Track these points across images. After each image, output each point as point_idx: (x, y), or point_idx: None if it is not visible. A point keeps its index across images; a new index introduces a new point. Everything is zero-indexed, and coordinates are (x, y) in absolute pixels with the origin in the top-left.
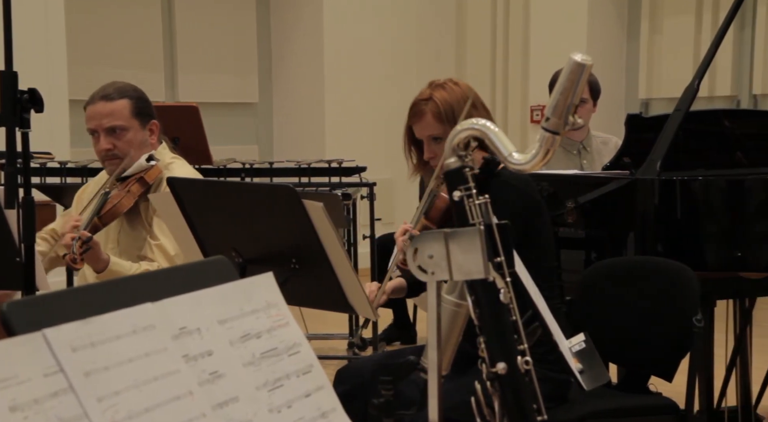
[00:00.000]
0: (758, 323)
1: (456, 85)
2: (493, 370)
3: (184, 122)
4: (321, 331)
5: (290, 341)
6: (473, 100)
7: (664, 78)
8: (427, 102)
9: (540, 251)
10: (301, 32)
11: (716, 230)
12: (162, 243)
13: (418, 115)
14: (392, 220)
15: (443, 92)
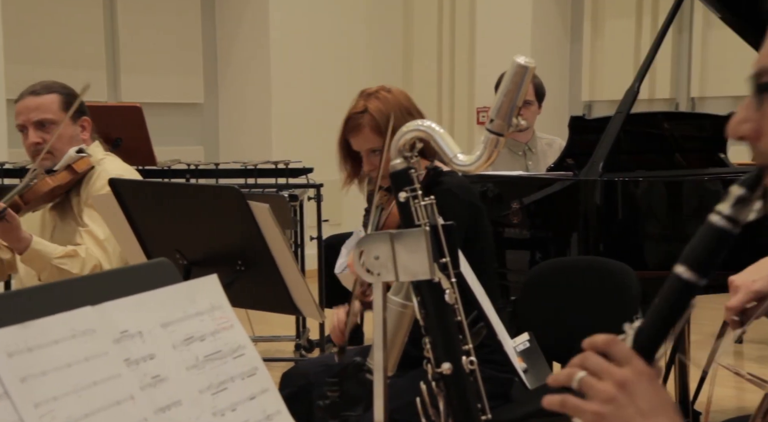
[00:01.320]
0: (696, 321)
1: (389, 93)
2: (438, 370)
3: (127, 123)
4: (267, 333)
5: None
6: (408, 107)
7: (607, 80)
8: (362, 115)
9: (481, 255)
10: (247, 32)
11: (656, 230)
12: (91, 229)
13: (355, 129)
14: (340, 222)
15: (377, 102)
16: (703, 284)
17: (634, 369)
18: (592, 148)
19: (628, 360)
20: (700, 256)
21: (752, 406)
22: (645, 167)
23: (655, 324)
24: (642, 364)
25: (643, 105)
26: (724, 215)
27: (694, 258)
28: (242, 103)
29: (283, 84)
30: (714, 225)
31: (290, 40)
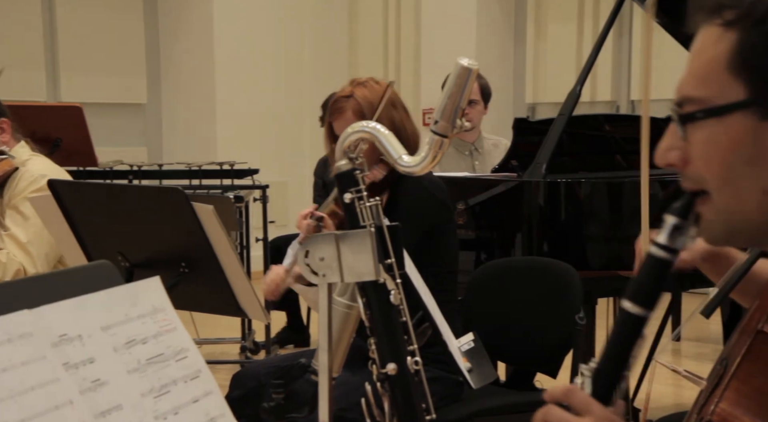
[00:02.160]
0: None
1: (377, 84)
2: (383, 371)
3: (67, 123)
4: (212, 336)
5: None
6: (393, 99)
7: (550, 83)
8: (347, 99)
9: (442, 253)
10: (191, 31)
11: (598, 231)
12: (13, 232)
13: (338, 112)
14: (286, 223)
15: (364, 90)
16: (649, 316)
17: (594, 418)
18: (535, 149)
19: (587, 408)
20: (644, 289)
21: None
22: (587, 168)
23: (611, 363)
24: (601, 410)
25: (584, 107)
26: (661, 245)
27: (638, 292)
28: (186, 103)
29: (228, 84)
30: (653, 256)
31: (235, 40)
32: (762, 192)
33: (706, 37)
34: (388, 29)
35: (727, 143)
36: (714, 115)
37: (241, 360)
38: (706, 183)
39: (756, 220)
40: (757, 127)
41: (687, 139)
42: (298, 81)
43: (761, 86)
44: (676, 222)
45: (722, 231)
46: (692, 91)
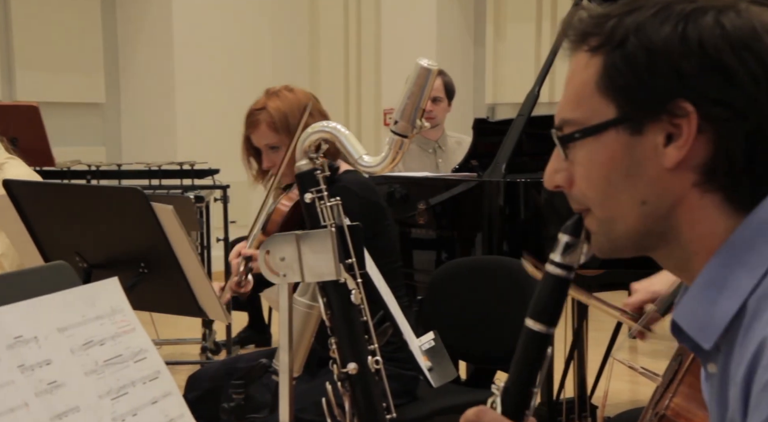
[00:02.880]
0: (593, 318)
1: (291, 93)
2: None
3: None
4: (173, 336)
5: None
6: (307, 106)
7: (509, 83)
8: (261, 111)
9: (383, 252)
10: (150, 30)
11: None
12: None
13: (254, 125)
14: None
15: (277, 101)
16: (552, 332)
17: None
18: (495, 149)
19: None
20: (544, 307)
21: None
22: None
23: (519, 380)
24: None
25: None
26: (556, 263)
27: (539, 310)
28: (146, 102)
29: (188, 83)
30: (550, 274)
31: (194, 38)
32: (640, 202)
33: (576, 63)
34: (348, 29)
35: (604, 159)
36: (590, 134)
37: (202, 361)
38: (588, 200)
39: (638, 230)
40: (629, 142)
41: (569, 159)
42: (258, 80)
43: (627, 104)
44: (569, 240)
45: (607, 242)
46: (569, 113)
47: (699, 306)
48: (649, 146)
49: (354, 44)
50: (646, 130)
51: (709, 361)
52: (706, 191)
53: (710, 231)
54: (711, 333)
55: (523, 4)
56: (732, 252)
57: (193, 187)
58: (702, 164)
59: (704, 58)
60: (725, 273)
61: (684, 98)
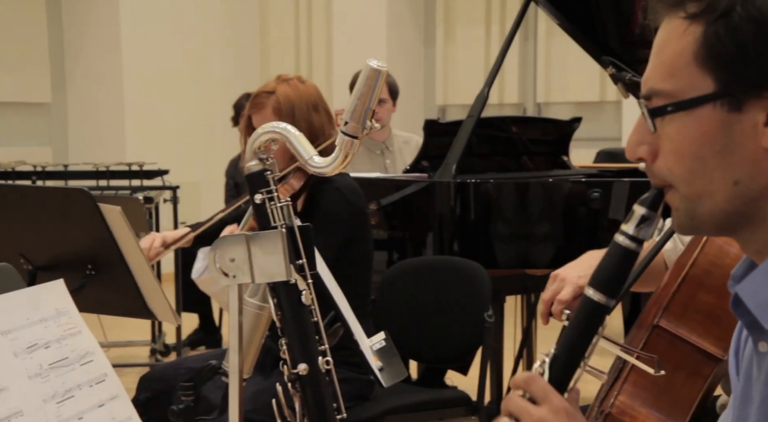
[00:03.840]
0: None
1: (302, 84)
2: (294, 371)
3: None
4: (121, 338)
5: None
6: (316, 101)
7: (459, 85)
8: (269, 95)
9: (358, 259)
10: (97, 28)
11: (506, 230)
12: None
13: (258, 107)
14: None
15: (287, 88)
16: (613, 305)
17: (551, 407)
18: (446, 150)
19: (545, 397)
20: (607, 277)
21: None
22: (495, 169)
23: (569, 349)
24: (558, 400)
25: (493, 109)
26: (628, 234)
27: (602, 280)
28: (93, 102)
29: (137, 83)
30: (619, 246)
31: (143, 37)
32: (733, 182)
33: (671, 29)
34: (299, 30)
35: (697, 136)
36: (683, 108)
37: (151, 363)
38: (674, 177)
39: (726, 210)
40: (726, 119)
41: (656, 132)
42: (208, 80)
43: (728, 79)
44: (645, 213)
45: (690, 220)
46: (660, 84)
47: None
48: (748, 124)
49: (305, 45)
50: (746, 107)
51: (761, 340)
52: None
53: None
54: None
55: (472, 6)
56: None
57: (143, 187)
58: None
59: None
60: None
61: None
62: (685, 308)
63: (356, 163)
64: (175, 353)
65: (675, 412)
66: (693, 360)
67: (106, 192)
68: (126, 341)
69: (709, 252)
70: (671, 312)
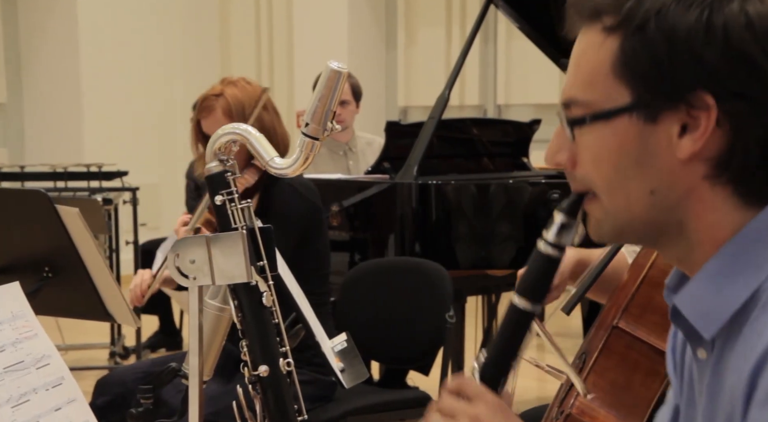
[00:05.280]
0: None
1: (249, 85)
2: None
3: None
4: (80, 341)
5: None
6: (265, 102)
7: (421, 87)
8: (217, 98)
9: (315, 256)
10: (54, 26)
11: (466, 231)
12: None
13: (207, 110)
14: (158, 225)
15: (235, 89)
16: (538, 310)
17: (485, 404)
18: (407, 152)
19: (479, 395)
20: (531, 284)
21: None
22: (456, 171)
23: (499, 355)
24: (492, 397)
25: (454, 111)
26: (549, 242)
27: (526, 287)
28: (50, 102)
29: (95, 82)
30: (541, 253)
31: (101, 36)
32: (649, 192)
33: (589, 40)
34: (260, 31)
35: (615, 146)
36: (601, 118)
37: (110, 366)
38: (595, 184)
39: (643, 219)
40: (642, 130)
41: (575, 141)
42: (169, 81)
43: (644, 91)
44: (564, 220)
45: (611, 229)
46: (579, 93)
47: (704, 295)
48: (662, 136)
49: (266, 47)
50: (661, 118)
51: (699, 347)
52: (716, 184)
53: (717, 224)
54: (713, 323)
55: (433, 9)
56: (744, 244)
57: (101, 189)
58: (715, 157)
59: (728, 48)
60: (735, 265)
61: (704, 89)
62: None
63: (319, 164)
64: (135, 356)
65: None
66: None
67: (63, 193)
68: (84, 344)
69: None
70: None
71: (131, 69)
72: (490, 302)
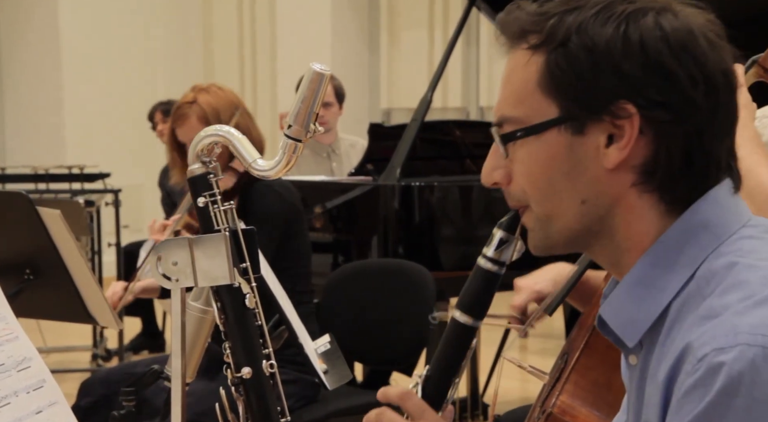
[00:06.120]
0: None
1: (221, 90)
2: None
3: None
4: (62, 344)
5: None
6: (237, 105)
7: (403, 89)
8: (191, 105)
9: (296, 256)
10: (36, 27)
11: (449, 233)
12: None
13: (182, 119)
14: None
15: (208, 96)
16: (478, 325)
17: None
18: (390, 154)
19: (420, 413)
20: (472, 299)
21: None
22: (439, 172)
23: (441, 370)
24: (433, 417)
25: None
26: (489, 257)
27: (467, 303)
28: (31, 103)
29: (77, 84)
30: (481, 268)
31: (83, 37)
32: (580, 202)
33: (516, 59)
34: (243, 33)
35: (545, 159)
36: (532, 133)
37: (92, 368)
38: (528, 198)
39: (575, 228)
40: (571, 142)
41: (509, 157)
42: (151, 83)
43: (570, 104)
44: (503, 236)
45: (542, 239)
46: (510, 111)
47: (625, 304)
48: (590, 146)
49: (249, 49)
50: (588, 130)
51: (630, 354)
52: (643, 191)
53: (644, 230)
54: (635, 331)
55: (416, 11)
56: (661, 252)
57: (83, 191)
58: (641, 164)
59: (645, 59)
60: (653, 273)
61: (626, 99)
62: None
63: (302, 165)
64: (118, 358)
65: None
66: None
67: (45, 195)
68: (66, 346)
69: None
70: None
71: (113, 70)
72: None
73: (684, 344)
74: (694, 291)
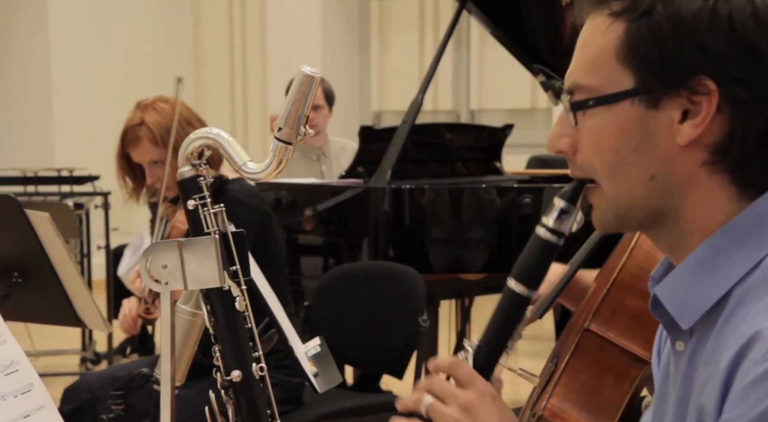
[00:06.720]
0: (477, 320)
1: (166, 104)
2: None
3: None
4: (50, 347)
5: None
6: (187, 117)
7: (394, 91)
8: (140, 127)
9: (271, 260)
10: (24, 28)
11: (440, 235)
12: None
13: (134, 142)
14: (131, 230)
15: (155, 115)
16: (533, 296)
17: (477, 391)
18: (381, 156)
19: (471, 382)
20: (528, 269)
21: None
22: (429, 175)
23: (493, 340)
24: (484, 385)
25: (427, 116)
26: (549, 228)
27: (522, 272)
28: (20, 104)
29: (66, 86)
30: (539, 238)
31: (72, 38)
32: (649, 178)
33: (595, 26)
34: (233, 36)
35: (616, 130)
36: (604, 102)
37: (81, 372)
38: (595, 171)
39: (644, 206)
40: (644, 115)
41: (577, 126)
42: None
43: (647, 76)
44: (564, 206)
45: (612, 218)
46: (582, 79)
47: (684, 286)
48: (663, 121)
49: (239, 51)
50: (663, 104)
51: (678, 339)
52: (714, 171)
53: (711, 213)
54: (691, 314)
55: (406, 14)
56: (728, 237)
57: (72, 193)
58: (714, 143)
59: (732, 36)
60: (717, 257)
61: (707, 75)
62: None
63: (292, 168)
64: (107, 361)
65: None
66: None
67: (34, 198)
68: (55, 350)
69: (637, 257)
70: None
71: (102, 72)
72: (463, 306)
73: (753, 331)
74: (759, 280)
